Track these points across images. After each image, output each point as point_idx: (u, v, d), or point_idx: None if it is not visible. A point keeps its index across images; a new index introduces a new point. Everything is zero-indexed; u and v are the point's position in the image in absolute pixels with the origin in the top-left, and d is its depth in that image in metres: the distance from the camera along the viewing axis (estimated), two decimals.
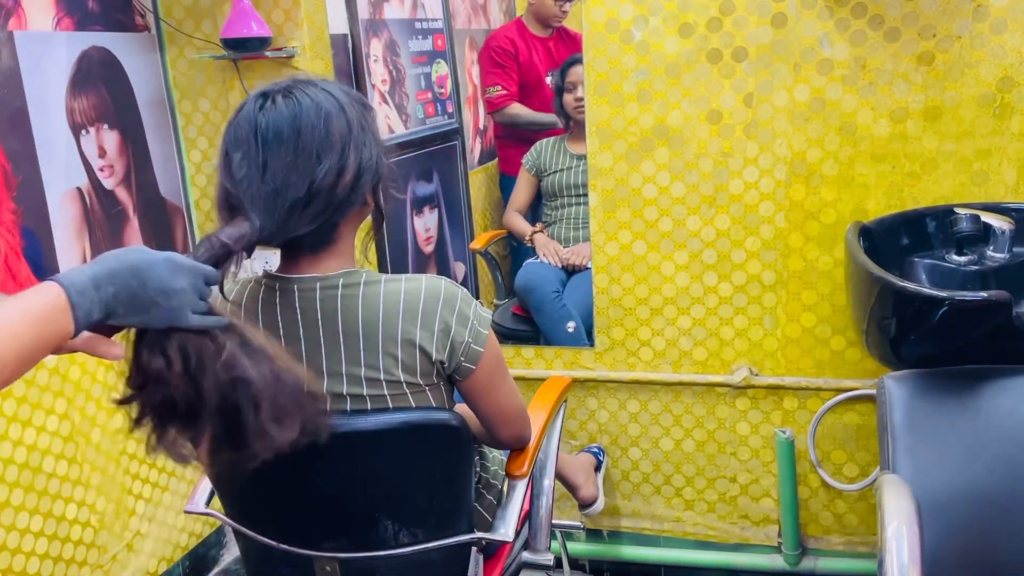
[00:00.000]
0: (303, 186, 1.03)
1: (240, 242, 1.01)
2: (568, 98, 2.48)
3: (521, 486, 1.31)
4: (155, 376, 0.93)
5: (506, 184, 2.86)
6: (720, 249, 1.86)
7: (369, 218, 1.20)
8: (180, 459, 0.98)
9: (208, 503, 1.38)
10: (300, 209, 1.04)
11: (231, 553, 2.32)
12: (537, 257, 2.49)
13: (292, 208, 1.03)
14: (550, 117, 2.68)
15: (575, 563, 2.16)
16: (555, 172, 2.54)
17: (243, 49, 1.92)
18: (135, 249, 0.90)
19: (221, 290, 1.15)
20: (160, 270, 0.89)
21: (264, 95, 1.08)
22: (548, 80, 2.79)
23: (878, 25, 1.65)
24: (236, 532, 1.29)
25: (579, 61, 1.91)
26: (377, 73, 2.30)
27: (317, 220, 1.06)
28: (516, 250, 2.74)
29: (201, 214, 2.21)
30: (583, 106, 1.91)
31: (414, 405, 1.14)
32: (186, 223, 2.17)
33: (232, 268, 1.12)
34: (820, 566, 1.97)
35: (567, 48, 2.81)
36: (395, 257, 2.37)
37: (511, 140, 2.88)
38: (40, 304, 0.82)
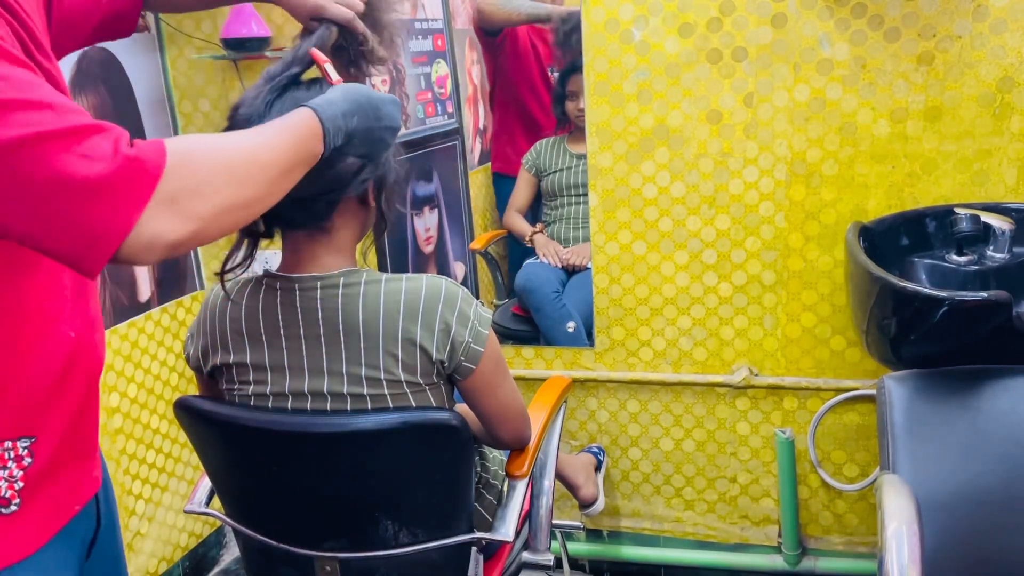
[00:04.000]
0: None
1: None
2: (570, 106, 2.47)
3: (521, 486, 1.31)
4: None
5: (499, 183, 2.85)
6: (720, 249, 1.86)
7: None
8: None
9: (208, 503, 1.38)
10: None
11: (231, 553, 2.32)
12: (537, 257, 2.49)
13: None
14: (540, 6, 2.57)
15: (575, 563, 2.16)
16: (555, 172, 2.53)
17: (243, 49, 1.93)
18: (365, 87, 0.99)
19: (223, 287, 1.16)
20: (390, 108, 1.00)
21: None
22: (552, 72, 2.75)
23: (878, 25, 1.65)
24: (236, 532, 1.29)
25: (579, 69, 1.90)
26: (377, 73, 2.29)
27: (312, 189, 1.04)
28: (513, 250, 2.73)
29: None
30: (584, 115, 1.91)
31: (414, 405, 1.14)
32: None
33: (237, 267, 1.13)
34: (820, 566, 1.97)
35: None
36: (395, 257, 2.37)
37: (504, 138, 2.86)
38: (297, 126, 0.90)
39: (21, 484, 0.88)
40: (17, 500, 0.88)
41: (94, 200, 0.73)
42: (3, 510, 0.87)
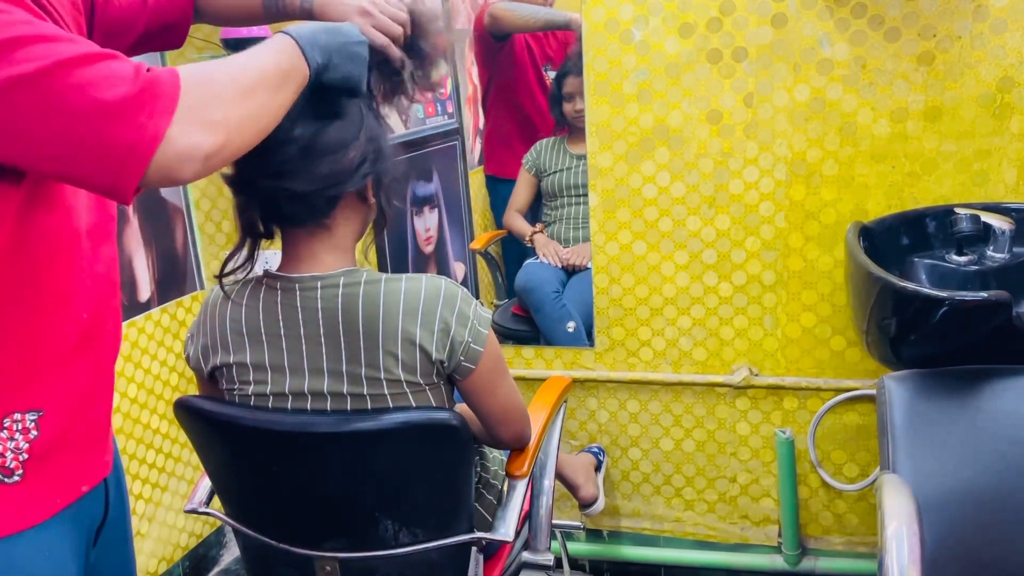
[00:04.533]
0: (306, 134, 1.04)
1: None
2: (568, 108, 2.47)
3: (521, 486, 1.31)
4: None
5: (493, 186, 2.85)
6: (720, 249, 1.86)
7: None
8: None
9: (208, 503, 1.38)
10: (295, 152, 1.04)
11: (231, 553, 2.32)
12: (537, 257, 2.49)
13: (286, 144, 1.03)
14: (557, 12, 2.53)
15: (575, 563, 2.16)
16: (555, 172, 2.53)
17: (243, 49, 1.92)
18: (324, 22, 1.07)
19: (222, 289, 1.16)
20: (349, 27, 1.05)
21: None
22: (546, 71, 2.74)
23: (878, 25, 1.65)
24: (236, 532, 1.29)
25: (575, 71, 1.90)
26: None
27: (313, 183, 1.05)
28: (508, 250, 2.73)
29: (201, 214, 2.21)
30: (583, 116, 1.91)
31: (414, 404, 1.14)
32: (186, 223, 2.17)
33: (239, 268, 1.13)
34: (820, 566, 1.97)
35: (555, 37, 2.76)
36: (395, 257, 2.37)
37: (499, 140, 2.86)
38: (277, 44, 0.96)
39: (26, 456, 0.90)
40: (20, 471, 0.90)
41: (121, 119, 0.76)
42: (6, 479, 0.89)
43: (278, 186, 1.06)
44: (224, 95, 0.84)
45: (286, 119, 0.99)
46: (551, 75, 2.63)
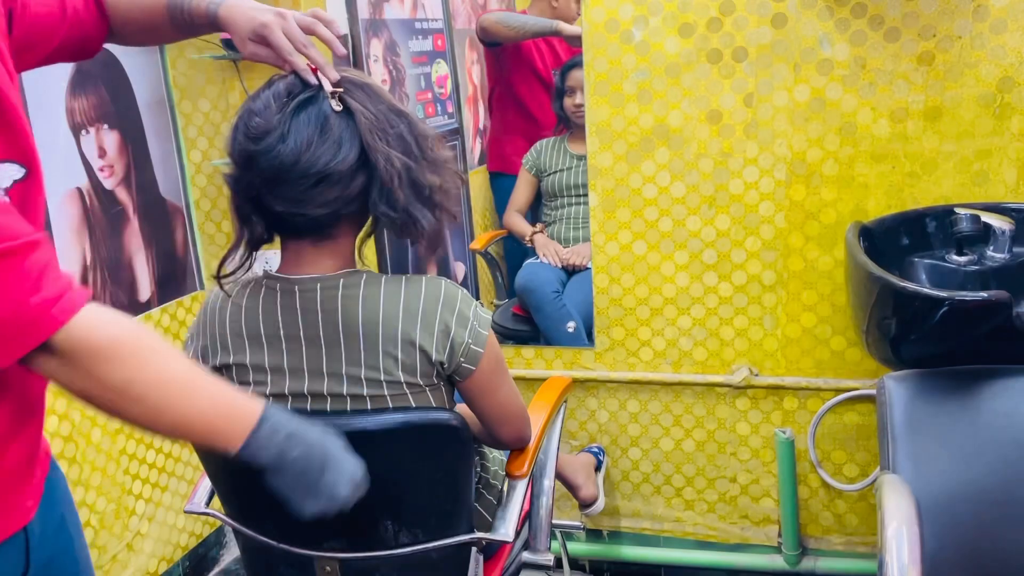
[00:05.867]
0: (320, 162, 1.04)
1: None
2: (568, 102, 2.47)
3: (521, 486, 1.31)
4: None
5: (496, 182, 2.85)
6: (720, 249, 1.86)
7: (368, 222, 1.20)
8: None
9: (208, 503, 1.38)
10: (311, 184, 1.04)
11: (231, 553, 2.32)
12: (537, 257, 2.49)
13: (302, 176, 1.03)
14: (545, 21, 2.55)
15: (575, 563, 2.16)
16: (555, 172, 2.54)
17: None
18: (339, 444, 0.94)
19: (222, 288, 1.16)
20: (341, 482, 0.93)
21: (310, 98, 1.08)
22: (554, 73, 2.75)
23: (878, 25, 1.65)
24: (236, 532, 1.29)
25: (578, 64, 1.90)
26: (377, 73, 2.29)
27: (328, 206, 1.06)
28: (508, 250, 2.73)
29: (201, 214, 2.21)
30: (582, 112, 1.91)
31: (414, 405, 1.14)
32: (186, 223, 2.17)
33: (237, 268, 1.13)
34: (820, 566, 1.97)
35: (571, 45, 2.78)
36: (395, 257, 2.37)
37: (503, 137, 2.87)
38: (234, 408, 0.87)
39: None
40: None
41: (8, 323, 0.76)
42: None
43: (287, 211, 1.06)
44: (103, 379, 0.81)
45: (302, 147, 1.01)
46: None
